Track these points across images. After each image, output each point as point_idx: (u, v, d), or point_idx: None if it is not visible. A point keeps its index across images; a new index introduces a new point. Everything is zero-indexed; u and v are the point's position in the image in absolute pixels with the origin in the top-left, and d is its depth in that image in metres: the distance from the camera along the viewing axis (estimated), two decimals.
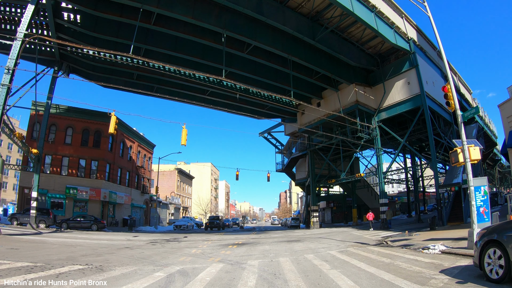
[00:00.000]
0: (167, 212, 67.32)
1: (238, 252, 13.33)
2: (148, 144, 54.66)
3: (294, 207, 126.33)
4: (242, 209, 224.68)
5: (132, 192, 47.05)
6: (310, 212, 41.05)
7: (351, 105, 32.14)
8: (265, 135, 51.97)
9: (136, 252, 13.10)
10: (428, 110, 29.86)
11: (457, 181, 27.52)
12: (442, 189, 26.68)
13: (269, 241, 19.33)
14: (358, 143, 34.55)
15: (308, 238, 21.62)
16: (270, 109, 38.95)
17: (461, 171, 29.62)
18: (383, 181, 31.15)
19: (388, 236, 20.96)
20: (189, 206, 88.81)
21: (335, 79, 32.37)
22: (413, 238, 17.70)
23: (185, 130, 19.23)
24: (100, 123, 39.01)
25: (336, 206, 60.33)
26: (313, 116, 35.94)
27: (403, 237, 19.49)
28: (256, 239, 21.76)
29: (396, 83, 32.50)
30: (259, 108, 38.19)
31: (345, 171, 36.74)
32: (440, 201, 27.17)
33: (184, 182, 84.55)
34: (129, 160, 47.02)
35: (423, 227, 28.37)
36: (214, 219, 44.11)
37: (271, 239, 21.04)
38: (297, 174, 50.56)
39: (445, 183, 28.03)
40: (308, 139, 42.38)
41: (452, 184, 26.78)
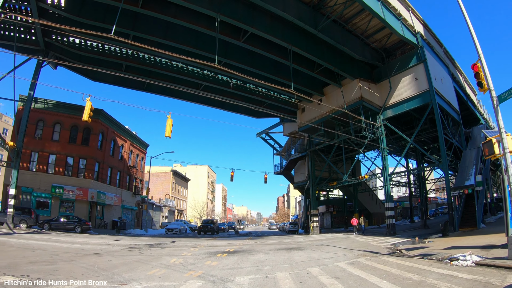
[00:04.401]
0: (161, 215, 64.97)
1: (226, 264, 11.07)
2: (141, 143, 52.34)
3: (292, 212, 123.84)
4: (239, 213, 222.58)
5: (123, 193, 44.77)
6: (310, 217, 38.75)
7: (355, 101, 29.96)
8: (262, 136, 49.72)
9: (101, 261, 10.82)
10: (437, 107, 27.77)
11: (470, 183, 25.37)
12: (454, 191, 24.46)
13: (265, 249, 17.02)
14: (361, 142, 32.39)
15: (309, 245, 19.33)
16: (268, 107, 36.71)
17: (473, 173, 27.50)
18: (388, 183, 28.91)
19: (397, 244, 18.76)
20: (185, 209, 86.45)
21: (338, 74, 30.19)
22: (430, 246, 15.46)
23: (170, 120, 16.99)
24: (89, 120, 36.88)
25: (336, 210, 58.10)
26: (314, 113, 33.73)
27: (416, 244, 17.31)
28: (251, 246, 19.44)
29: (403, 79, 30.42)
30: (256, 105, 35.95)
31: (347, 173, 34.48)
32: (452, 204, 24.93)
33: (179, 184, 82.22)
34: (120, 160, 44.78)
35: (432, 233, 26.36)
36: (208, 223, 41.92)
37: (267, 246, 18.72)
38: (296, 177, 48.23)
39: (457, 185, 25.77)
40: (308, 139, 40.16)
41: (465, 187, 24.56)
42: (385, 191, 28.97)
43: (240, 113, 39.42)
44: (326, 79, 30.62)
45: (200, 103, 37.04)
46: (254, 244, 20.59)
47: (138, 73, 31.08)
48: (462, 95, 38.45)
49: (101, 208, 39.52)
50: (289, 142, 48.22)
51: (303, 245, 18.99)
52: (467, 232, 22.65)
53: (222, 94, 33.97)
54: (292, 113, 38.19)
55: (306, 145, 40.65)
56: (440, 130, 27.19)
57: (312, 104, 34.19)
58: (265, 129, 48.96)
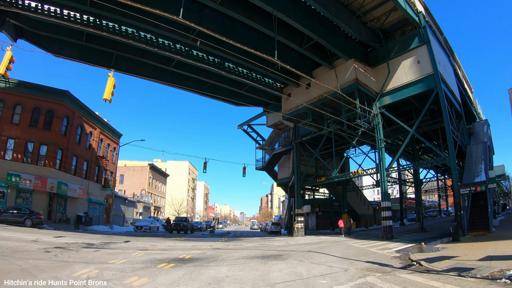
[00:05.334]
0: (134, 211, 60.24)
1: (159, 284, 6.87)
2: (113, 132, 47.43)
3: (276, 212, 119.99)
4: (222, 212, 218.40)
5: (90, 185, 40.14)
6: (294, 217, 34.72)
7: (349, 84, 26.03)
8: (244, 128, 45.51)
9: None
10: (443, 93, 24.19)
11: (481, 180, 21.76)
12: (464, 189, 20.69)
13: (234, 256, 12.81)
14: (354, 134, 28.57)
15: (292, 251, 15.24)
16: (250, 91, 32.53)
17: (482, 168, 23.96)
18: (385, 179, 25.04)
19: (403, 250, 14.95)
20: (162, 206, 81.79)
21: (330, 52, 26.23)
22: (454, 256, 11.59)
23: (112, 79, 12.72)
24: (53, 102, 33.48)
25: (322, 211, 54.29)
26: (301, 99, 29.70)
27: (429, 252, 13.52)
28: (218, 251, 15.19)
29: (403, 62, 26.76)
30: (236, 88, 31.79)
31: (338, 168, 30.52)
32: (459, 204, 21.22)
33: (157, 179, 77.55)
34: (88, 148, 40.14)
35: (434, 237, 22.87)
36: (181, 221, 37.70)
37: (239, 252, 14.49)
38: (280, 173, 44.07)
39: (465, 182, 22.07)
40: (294, 130, 36.11)
41: (476, 183, 20.88)
42: (381, 188, 25.11)
43: (220, 99, 35.12)
44: (317, 58, 26.62)
45: (175, 85, 32.70)
46: (224, 249, 16.40)
47: (102, 44, 26.84)
48: (461, 90, 35.23)
49: (64, 201, 35.15)
50: (272, 135, 44.06)
51: (286, 252, 14.89)
52: (479, 236, 19.18)
53: (198, 73, 29.84)
54: (276, 99, 34.11)
55: (292, 137, 36.61)
56: (446, 117, 23.66)
57: (300, 88, 30.28)
58: (246, 121, 44.83)
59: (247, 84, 30.99)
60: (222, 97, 34.99)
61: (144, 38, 25.61)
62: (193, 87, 33.44)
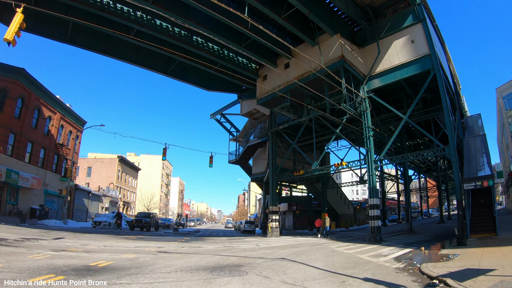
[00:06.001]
0: (99, 206, 55.44)
1: None
2: (76, 118, 42.61)
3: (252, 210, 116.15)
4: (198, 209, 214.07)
5: (47, 175, 35.75)
6: (268, 215, 31.04)
7: (334, 61, 22.49)
8: (217, 117, 41.46)
9: None
10: (441, 74, 21.04)
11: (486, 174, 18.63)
12: (469, 184, 17.42)
13: (174, 266, 8.93)
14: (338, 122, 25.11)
15: (260, 259, 11.51)
16: (221, 70, 28.59)
17: (485, 162, 20.85)
18: (374, 173, 21.60)
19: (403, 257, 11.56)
20: (133, 201, 76.95)
21: (313, 24, 22.66)
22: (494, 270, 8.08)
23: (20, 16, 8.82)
24: (6, 80, 29.73)
25: (300, 209, 51.08)
26: (279, 81, 26.09)
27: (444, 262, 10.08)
28: (161, 256, 11.31)
29: (395, 42, 23.51)
30: (206, 67, 27.86)
31: (318, 160, 26.96)
32: (462, 202, 17.99)
33: (127, 173, 72.72)
34: (47, 135, 35.66)
35: (427, 239, 20.94)
36: (144, 217, 33.86)
37: (186, 259, 10.63)
38: (254, 168, 40.24)
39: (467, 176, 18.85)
40: (270, 118, 32.40)
41: (483, 177, 17.63)
42: (369, 183, 21.64)
43: (189, 81, 31.17)
44: (297, 31, 22.93)
45: (139, 65, 28.62)
46: (172, 253, 12.53)
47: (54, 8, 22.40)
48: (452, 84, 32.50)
49: (15, 192, 31.02)
50: (247, 126, 40.19)
51: (250, 260, 11.14)
52: (486, 240, 16.15)
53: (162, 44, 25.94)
54: (252, 84, 30.32)
55: (268, 126, 32.90)
56: (445, 100, 20.52)
57: (277, 69, 26.62)
58: (220, 109, 40.80)
59: (217, 62, 27.16)
60: (191, 80, 31.15)
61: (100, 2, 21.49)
62: (159, 69, 29.49)
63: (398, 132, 23.55)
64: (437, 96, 27.03)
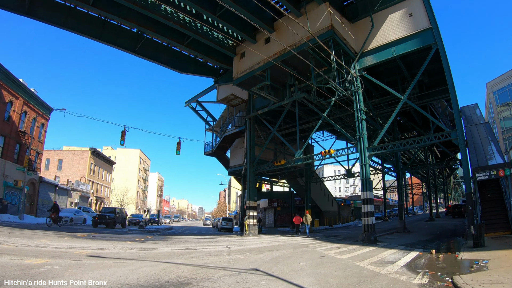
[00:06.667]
0: (68, 201, 51.03)
1: None
2: (42, 105, 38.23)
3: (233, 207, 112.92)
4: (179, 206, 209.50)
5: (6, 165, 31.93)
6: (246, 211, 27.76)
7: (322, 32, 19.27)
8: (192, 105, 37.80)
9: None
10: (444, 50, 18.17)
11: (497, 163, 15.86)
12: (482, 173, 14.53)
13: (75, 286, 5.72)
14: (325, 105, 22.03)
15: (222, 271, 8.16)
16: (192, 45, 25.12)
17: (494, 150, 18.13)
18: (367, 162, 18.55)
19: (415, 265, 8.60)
20: (106, 197, 72.52)
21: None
22: None
23: None
24: None
25: (281, 206, 48.02)
26: (258, 58, 22.78)
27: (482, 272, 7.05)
28: (83, 263, 7.90)
29: (391, 16, 20.64)
30: (177, 42, 24.38)
31: (302, 149, 23.77)
32: (471, 196, 15.12)
33: (101, 167, 68.30)
34: (7, 121, 31.64)
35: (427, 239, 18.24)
36: (109, 212, 30.62)
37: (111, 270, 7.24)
38: (232, 160, 36.75)
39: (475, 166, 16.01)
40: (249, 103, 29.05)
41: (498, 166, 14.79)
42: (361, 174, 18.58)
43: (160, 61, 27.55)
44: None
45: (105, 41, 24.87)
46: (106, 257, 9.18)
47: None
48: None
49: None
50: (225, 115, 36.67)
51: (207, 272, 7.80)
52: (503, 239, 13.58)
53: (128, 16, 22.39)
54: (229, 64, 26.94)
55: (246, 112, 29.55)
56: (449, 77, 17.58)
57: (257, 45, 23.43)
58: (195, 96, 37.14)
59: (189, 36, 23.70)
60: (162, 61, 27.60)
61: None
62: (126, 47, 25.81)
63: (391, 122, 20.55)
64: (435, 80, 24.45)
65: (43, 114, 38.96)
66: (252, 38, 23.29)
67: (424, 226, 29.15)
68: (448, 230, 24.33)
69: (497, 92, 45.36)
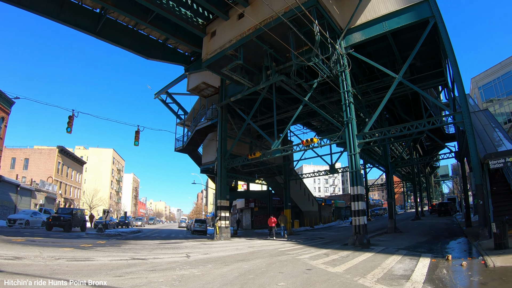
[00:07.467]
0: (32, 202, 46.96)
1: None
2: (2, 98, 34.17)
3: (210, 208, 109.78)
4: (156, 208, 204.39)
5: None
6: (217, 211, 24.74)
7: (304, 1, 16.54)
8: (162, 97, 34.57)
9: None
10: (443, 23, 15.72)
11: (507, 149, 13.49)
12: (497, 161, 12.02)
13: None
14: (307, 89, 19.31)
15: None
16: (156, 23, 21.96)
17: (501, 136, 15.79)
18: (358, 151, 15.82)
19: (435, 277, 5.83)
20: (76, 198, 68.24)
21: None
22: None
23: None
24: None
25: (259, 206, 45.25)
26: (230, 35, 19.86)
27: None
28: None
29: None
30: (137, 17, 21.19)
31: (280, 139, 20.94)
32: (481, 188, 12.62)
33: (70, 166, 64.16)
34: None
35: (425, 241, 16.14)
36: (66, 213, 27.47)
37: None
38: (204, 156, 33.53)
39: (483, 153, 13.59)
40: (221, 90, 26.04)
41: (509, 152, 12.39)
42: (350, 166, 15.79)
43: (124, 45, 24.24)
44: None
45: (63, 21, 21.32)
46: None
47: None
48: None
49: None
50: (197, 107, 33.44)
51: None
52: None
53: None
54: (198, 47, 23.89)
55: (218, 99, 26.49)
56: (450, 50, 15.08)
57: (229, 22, 20.50)
58: (165, 87, 33.90)
59: (153, 11, 20.55)
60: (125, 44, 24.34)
61: None
62: (86, 27, 22.40)
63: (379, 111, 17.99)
64: (427, 64, 22.18)
65: (3, 107, 34.90)
66: (224, 14, 20.37)
67: (413, 226, 26.90)
68: (442, 229, 22.16)
69: (482, 87, 44.40)
